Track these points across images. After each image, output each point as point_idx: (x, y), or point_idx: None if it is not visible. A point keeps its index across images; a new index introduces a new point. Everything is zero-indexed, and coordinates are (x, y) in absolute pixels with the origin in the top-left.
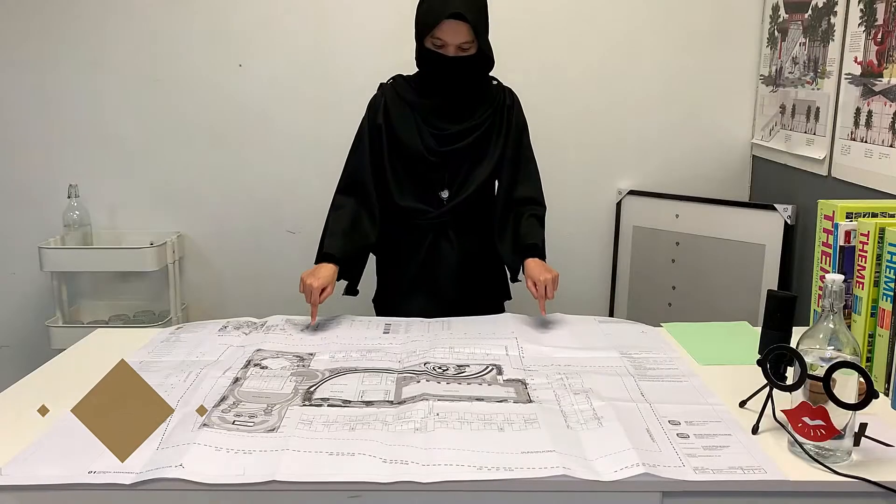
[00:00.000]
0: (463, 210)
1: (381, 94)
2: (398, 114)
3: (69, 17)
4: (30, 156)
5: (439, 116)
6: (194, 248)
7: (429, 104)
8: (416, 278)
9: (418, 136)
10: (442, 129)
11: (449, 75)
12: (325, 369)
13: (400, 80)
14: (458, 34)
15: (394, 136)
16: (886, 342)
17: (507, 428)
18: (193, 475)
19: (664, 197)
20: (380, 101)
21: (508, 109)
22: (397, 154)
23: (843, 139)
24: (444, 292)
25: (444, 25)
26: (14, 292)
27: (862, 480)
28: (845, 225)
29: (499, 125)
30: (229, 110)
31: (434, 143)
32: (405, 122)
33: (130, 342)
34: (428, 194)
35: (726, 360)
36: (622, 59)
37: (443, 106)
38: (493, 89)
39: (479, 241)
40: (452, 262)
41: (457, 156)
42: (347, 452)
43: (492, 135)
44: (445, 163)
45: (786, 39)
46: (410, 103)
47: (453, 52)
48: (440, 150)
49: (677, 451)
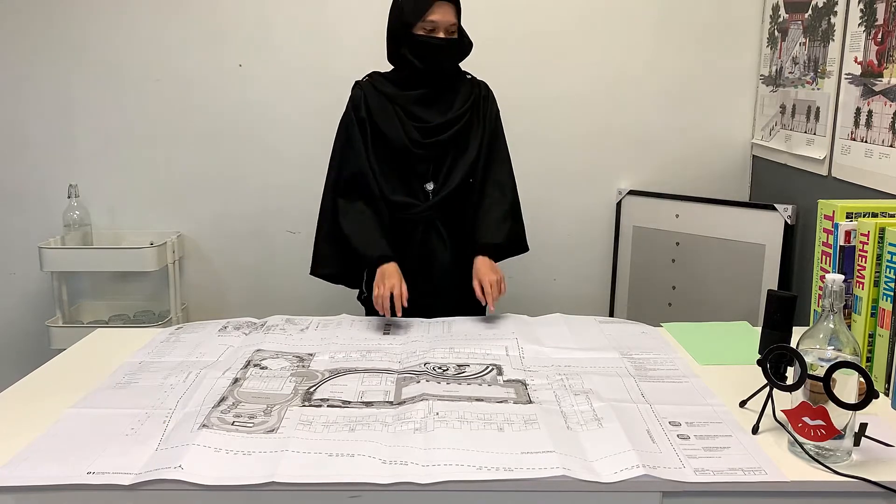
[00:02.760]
0: (449, 202)
1: (360, 89)
2: (379, 108)
3: (69, 17)
4: (30, 156)
5: (422, 106)
6: (194, 248)
7: (410, 96)
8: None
9: (402, 130)
10: (425, 121)
11: (443, 59)
12: (325, 370)
13: (376, 76)
14: (448, 15)
15: (377, 130)
16: (886, 342)
17: (507, 428)
18: (192, 476)
19: (664, 197)
20: (360, 97)
21: (485, 100)
22: (381, 148)
23: (844, 139)
24: (437, 287)
25: (436, 7)
26: (14, 292)
27: (862, 480)
28: (845, 225)
29: (478, 118)
30: (229, 110)
31: (418, 136)
32: (387, 116)
33: (130, 342)
34: (414, 188)
35: (726, 360)
36: (622, 58)
37: (425, 96)
38: (468, 83)
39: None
40: (444, 256)
41: (440, 148)
42: (347, 453)
43: (472, 126)
44: (430, 155)
45: (786, 39)
46: (390, 97)
47: (444, 36)
48: (424, 142)
49: (677, 452)
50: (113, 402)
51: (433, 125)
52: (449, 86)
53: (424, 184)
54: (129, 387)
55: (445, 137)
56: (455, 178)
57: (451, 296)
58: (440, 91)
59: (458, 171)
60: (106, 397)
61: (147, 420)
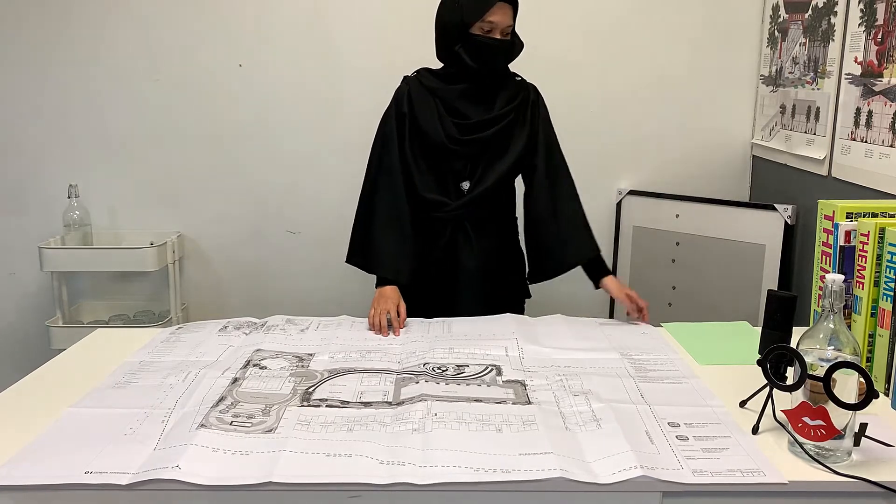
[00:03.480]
0: (482, 203)
1: (406, 84)
2: (421, 103)
3: (69, 17)
4: (30, 156)
5: (465, 101)
6: (194, 248)
7: (454, 90)
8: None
9: (440, 125)
10: (465, 117)
11: (498, 60)
12: (324, 370)
13: (424, 71)
14: (507, 17)
15: (416, 125)
16: (886, 342)
17: (506, 429)
18: (190, 476)
19: (664, 197)
20: (404, 92)
21: (534, 105)
22: (420, 144)
23: (844, 139)
24: (459, 293)
25: (496, 8)
26: (14, 292)
27: (862, 480)
28: (845, 225)
29: (522, 120)
30: (229, 110)
31: (456, 132)
32: (427, 110)
33: (130, 342)
34: (448, 186)
35: (726, 360)
36: (622, 58)
37: (469, 92)
38: (516, 84)
39: (496, 239)
40: (470, 260)
41: (478, 146)
42: (345, 453)
43: (515, 129)
44: (467, 152)
45: (786, 39)
46: (433, 91)
47: (500, 37)
48: (461, 138)
49: (676, 453)
50: (112, 402)
51: (473, 122)
52: (495, 84)
53: (461, 182)
54: (129, 386)
55: (485, 136)
56: (490, 178)
57: (472, 303)
58: (485, 88)
59: (495, 172)
60: (105, 397)
61: (146, 420)
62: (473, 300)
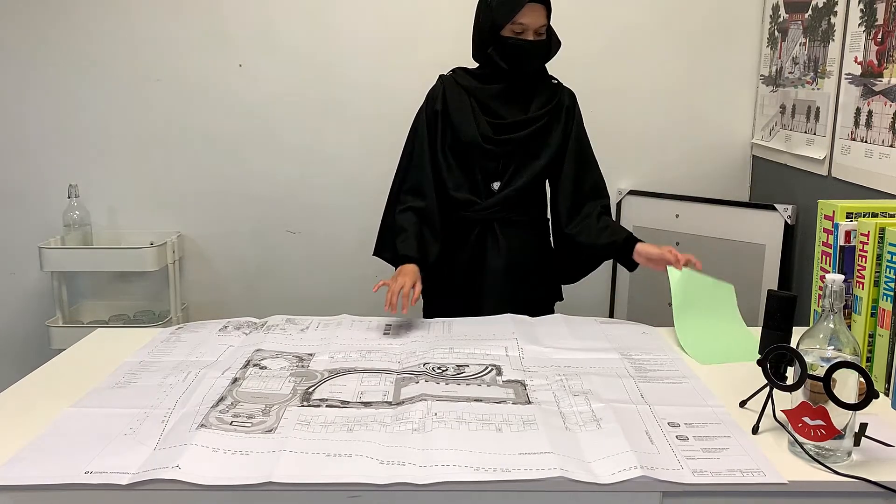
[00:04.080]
0: (512, 204)
1: (441, 82)
2: (455, 101)
3: (70, 17)
4: (30, 156)
5: (500, 101)
6: (194, 248)
7: (489, 90)
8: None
9: (474, 124)
10: (500, 117)
11: (530, 61)
12: (325, 370)
13: (460, 70)
14: (539, 17)
15: (450, 123)
16: (886, 342)
17: (506, 429)
18: (190, 476)
19: (664, 197)
20: (438, 90)
21: (568, 110)
22: (452, 142)
23: (843, 139)
24: (489, 292)
25: (526, 10)
26: (14, 292)
27: (862, 480)
28: (845, 225)
29: (557, 122)
30: (229, 110)
31: (489, 131)
32: (462, 108)
33: (130, 342)
34: (479, 186)
35: (726, 359)
36: (622, 58)
37: (504, 92)
38: (552, 86)
39: (525, 241)
40: (497, 261)
41: (511, 146)
42: (345, 453)
43: (550, 130)
44: (500, 152)
45: (786, 39)
46: (468, 90)
47: (533, 38)
48: (495, 137)
49: (676, 453)
50: (112, 402)
51: (507, 122)
52: (531, 86)
53: (491, 182)
54: (129, 386)
55: (518, 136)
56: (521, 179)
57: (499, 304)
58: (520, 90)
59: (526, 174)
60: (105, 397)
61: (146, 420)
62: (500, 301)
